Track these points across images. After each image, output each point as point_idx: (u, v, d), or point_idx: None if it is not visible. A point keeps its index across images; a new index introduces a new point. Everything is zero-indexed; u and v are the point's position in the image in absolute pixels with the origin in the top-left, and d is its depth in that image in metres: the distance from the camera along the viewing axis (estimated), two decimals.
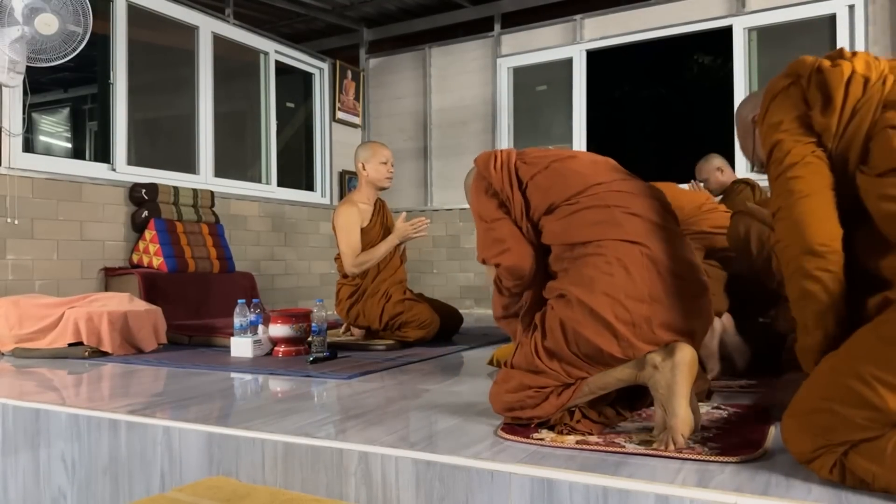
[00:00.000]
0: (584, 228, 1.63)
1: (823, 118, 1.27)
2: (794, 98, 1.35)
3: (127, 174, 4.38)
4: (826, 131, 1.27)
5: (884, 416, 1.16)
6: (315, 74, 6.08)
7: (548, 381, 1.61)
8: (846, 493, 1.21)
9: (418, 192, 6.13)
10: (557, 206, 1.69)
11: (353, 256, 3.47)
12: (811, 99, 1.30)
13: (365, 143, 3.79)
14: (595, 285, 1.55)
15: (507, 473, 1.35)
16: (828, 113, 1.27)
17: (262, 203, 5.33)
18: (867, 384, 1.17)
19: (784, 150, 1.31)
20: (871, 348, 1.20)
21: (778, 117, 1.34)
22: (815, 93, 1.30)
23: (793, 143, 1.30)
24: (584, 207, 1.66)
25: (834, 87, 1.27)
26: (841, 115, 1.25)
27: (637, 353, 1.53)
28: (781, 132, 1.32)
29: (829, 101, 1.27)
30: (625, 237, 1.58)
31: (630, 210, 1.64)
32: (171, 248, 4.24)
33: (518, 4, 5.67)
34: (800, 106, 1.32)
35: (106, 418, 1.87)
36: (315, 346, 2.98)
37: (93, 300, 3.32)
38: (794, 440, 1.29)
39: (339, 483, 1.53)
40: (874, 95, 1.25)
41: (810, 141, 1.29)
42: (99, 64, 4.62)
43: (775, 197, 1.33)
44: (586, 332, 1.54)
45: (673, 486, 1.24)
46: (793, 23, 4.72)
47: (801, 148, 1.28)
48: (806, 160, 1.28)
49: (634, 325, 1.52)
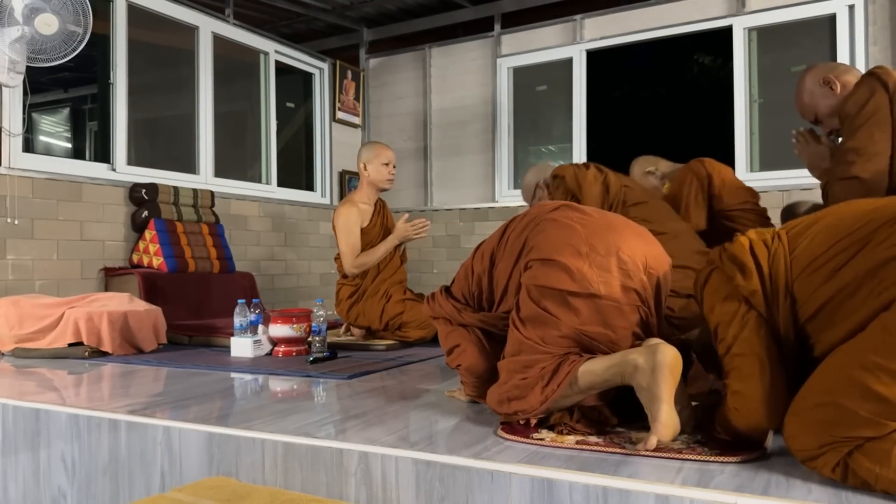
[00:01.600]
0: (518, 237, 1.78)
1: (746, 283, 1.41)
2: (717, 281, 1.50)
3: (127, 174, 4.38)
4: (754, 294, 1.40)
5: (890, 409, 1.16)
6: (315, 74, 6.08)
7: (531, 359, 1.62)
8: (846, 492, 1.21)
9: (418, 193, 6.13)
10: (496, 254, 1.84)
11: (353, 257, 3.47)
12: (729, 272, 1.45)
13: (368, 143, 3.79)
14: (540, 243, 1.69)
15: (507, 473, 1.35)
16: (748, 276, 1.41)
17: (262, 203, 5.33)
18: (871, 373, 1.17)
19: (722, 331, 1.45)
20: (876, 338, 1.20)
21: (710, 302, 1.50)
22: (730, 266, 1.45)
23: (727, 322, 1.44)
24: (509, 234, 1.82)
25: (741, 255, 1.43)
26: (761, 275, 1.40)
27: (594, 284, 1.59)
28: (717, 315, 1.47)
29: (744, 267, 1.42)
30: (549, 208, 1.79)
31: (547, 204, 1.83)
32: (171, 248, 4.24)
33: (518, 4, 5.66)
34: (723, 285, 1.47)
35: (106, 418, 1.88)
36: (315, 346, 2.98)
37: (93, 300, 3.32)
38: (796, 438, 1.29)
39: (339, 483, 1.54)
40: (778, 249, 1.41)
41: (742, 314, 1.42)
42: (99, 64, 4.62)
43: (724, 375, 1.47)
44: (543, 279, 1.63)
45: (673, 486, 1.24)
46: (793, 23, 4.72)
47: (734, 327, 1.42)
48: (742, 337, 1.41)
49: (580, 254, 1.62)
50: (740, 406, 1.41)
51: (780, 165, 4.73)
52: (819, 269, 1.33)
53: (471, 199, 5.80)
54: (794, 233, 1.44)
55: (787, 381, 1.39)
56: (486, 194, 5.76)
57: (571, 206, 1.78)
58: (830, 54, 4.57)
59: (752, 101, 4.86)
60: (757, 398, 1.38)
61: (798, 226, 1.46)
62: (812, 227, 1.41)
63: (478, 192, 5.82)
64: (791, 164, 4.69)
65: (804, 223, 1.46)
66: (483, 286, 1.84)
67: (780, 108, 4.81)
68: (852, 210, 1.40)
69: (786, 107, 4.83)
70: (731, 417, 1.44)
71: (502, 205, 5.64)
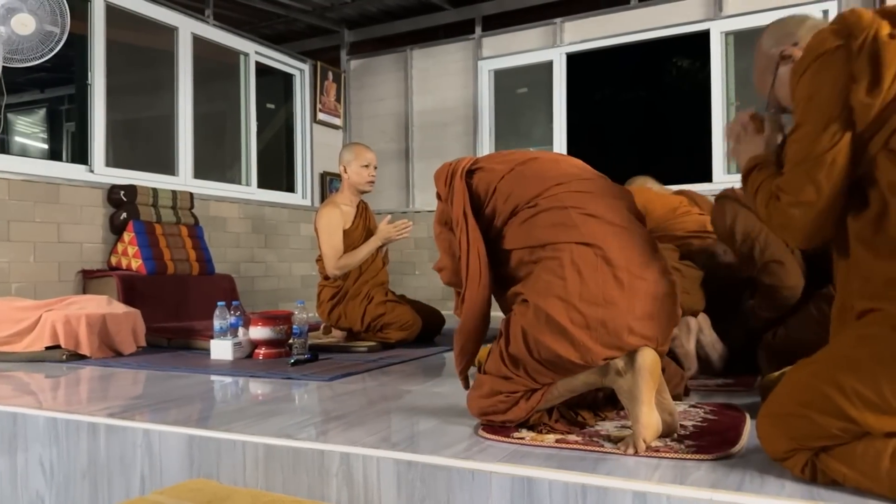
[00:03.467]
0: (542, 231, 1.64)
1: (868, 97, 1.18)
2: (838, 67, 1.23)
3: (105, 176, 4.34)
4: (864, 111, 1.19)
5: (859, 429, 1.18)
6: (296, 75, 6.06)
7: (516, 387, 1.61)
8: (818, 489, 1.23)
9: (400, 194, 6.13)
10: (519, 209, 1.70)
11: (336, 258, 3.46)
12: (857, 71, 1.20)
13: (349, 144, 3.78)
14: (550, 290, 1.55)
15: (487, 473, 1.37)
16: (874, 94, 1.18)
17: (241, 205, 5.30)
18: (847, 397, 1.17)
19: (809, 134, 1.26)
20: (855, 360, 1.19)
21: (814, 87, 1.26)
22: (865, 66, 1.20)
23: (820, 130, 1.23)
24: (542, 210, 1.66)
25: (887, 65, 1.18)
26: (885, 96, 1.17)
27: (595, 359, 1.51)
28: (812, 110, 1.26)
29: (878, 81, 1.18)
30: (580, 240, 1.58)
31: (587, 211, 1.64)
32: (149, 251, 4.21)
33: (499, 7, 5.69)
34: (841, 79, 1.22)
35: (85, 422, 1.86)
36: (296, 348, 2.98)
37: (70, 303, 3.28)
38: (768, 439, 1.31)
39: (320, 484, 1.54)
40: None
41: (838, 129, 1.22)
42: (77, 64, 4.57)
43: (785, 181, 1.31)
44: (545, 338, 1.53)
45: (650, 482, 1.26)
46: None
47: (826, 140, 1.23)
48: (826, 157, 1.23)
49: (590, 328, 1.50)
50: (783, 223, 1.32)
51: None
52: None
53: None
54: None
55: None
56: None
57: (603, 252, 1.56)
58: None
59: (730, 103, 4.93)
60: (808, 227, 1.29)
61: None
62: None
63: None
64: None
65: None
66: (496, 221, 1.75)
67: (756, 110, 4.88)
68: None
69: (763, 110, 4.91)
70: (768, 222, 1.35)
71: None
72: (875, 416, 1.15)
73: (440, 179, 1.85)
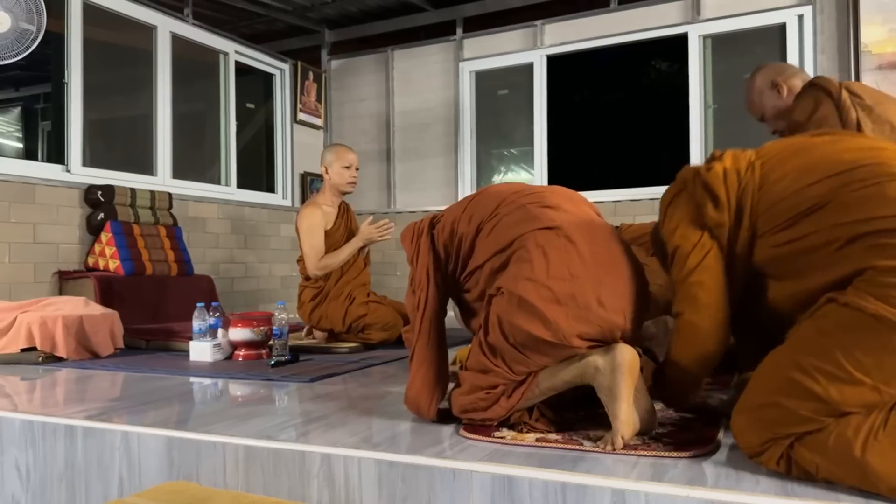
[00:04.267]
0: (507, 231, 1.71)
1: (716, 214, 1.42)
2: (685, 203, 1.50)
3: (82, 175, 4.28)
4: (720, 226, 1.42)
5: (827, 407, 1.22)
6: (276, 75, 6.03)
7: (496, 380, 1.63)
8: (792, 484, 1.26)
9: (381, 195, 6.13)
10: (483, 224, 1.78)
11: (317, 259, 3.45)
12: (700, 200, 1.45)
13: (331, 145, 3.77)
14: (520, 275, 1.61)
15: (468, 472, 1.37)
16: (719, 209, 1.42)
17: (221, 205, 5.27)
18: (809, 375, 1.23)
19: (683, 255, 1.46)
20: (811, 341, 1.26)
21: (674, 223, 1.50)
22: (703, 194, 1.45)
23: (689, 247, 1.45)
24: (504, 215, 1.76)
25: (716, 187, 1.43)
26: (729, 208, 1.41)
27: (567, 336, 1.53)
28: (679, 237, 1.48)
29: (717, 199, 1.42)
30: (541, 226, 1.67)
31: (545, 203, 1.74)
32: (127, 251, 4.16)
33: (480, 9, 5.71)
34: (691, 209, 1.47)
35: (62, 424, 1.84)
36: (276, 349, 2.97)
37: (47, 304, 3.24)
38: (743, 435, 1.34)
39: (301, 485, 1.54)
40: (749, 182, 1.41)
41: (705, 242, 1.44)
42: (53, 63, 4.51)
43: (679, 300, 1.49)
44: (518, 320, 1.57)
45: (629, 480, 1.28)
46: (745, 31, 4.86)
47: (696, 254, 1.44)
48: (703, 264, 1.43)
49: (560, 303, 1.54)
50: (691, 336, 1.44)
51: None
52: (781, 213, 1.35)
53: (434, 202, 5.82)
54: (771, 163, 1.42)
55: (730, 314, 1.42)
56: (449, 197, 5.79)
57: (565, 233, 1.64)
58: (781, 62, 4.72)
59: (707, 106, 5.00)
60: (710, 329, 1.42)
61: (776, 155, 1.44)
62: (788, 163, 1.40)
63: (441, 194, 5.85)
64: None
65: (784, 151, 1.44)
66: (464, 247, 1.80)
67: (733, 113, 4.95)
68: (831, 152, 1.38)
69: (739, 112, 4.96)
70: (676, 349, 1.46)
71: None
72: (836, 387, 1.21)
73: (406, 239, 1.94)
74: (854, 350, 1.19)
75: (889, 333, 1.17)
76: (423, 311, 1.82)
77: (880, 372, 1.18)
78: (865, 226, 1.25)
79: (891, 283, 1.18)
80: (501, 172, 5.94)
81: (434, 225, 1.90)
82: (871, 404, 1.21)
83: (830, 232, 1.29)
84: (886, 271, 1.19)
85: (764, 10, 4.77)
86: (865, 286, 1.21)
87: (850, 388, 1.20)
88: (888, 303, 1.17)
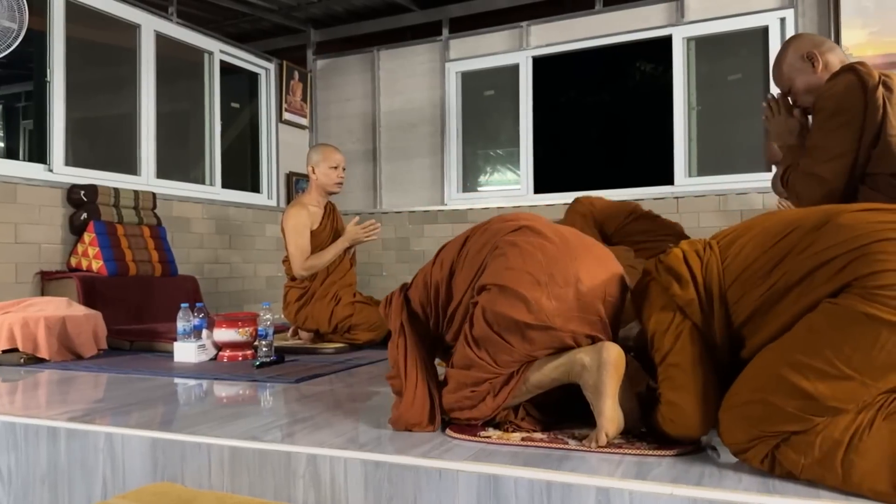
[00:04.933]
0: (479, 253, 1.76)
1: (683, 292, 1.46)
2: (654, 291, 1.55)
3: (65, 175, 4.24)
4: (689, 303, 1.45)
5: (814, 404, 1.24)
6: (261, 75, 6.01)
7: (481, 375, 1.65)
8: (773, 481, 1.28)
9: (367, 195, 6.12)
10: (454, 266, 1.81)
11: (303, 259, 3.45)
12: (665, 283, 1.50)
13: (317, 145, 3.76)
14: (499, 269, 1.66)
15: (454, 471, 1.38)
16: (684, 286, 1.47)
17: (205, 205, 5.23)
18: (798, 371, 1.25)
19: (659, 338, 1.50)
20: (801, 339, 1.28)
21: (648, 311, 1.55)
22: (666, 277, 1.51)
23: (663, 329, 1.49)
24: (471, 246, 1.80)
25: (677, 266, 1.49)
26: (696, 284, 1.45)
27: (550, 317, 1.57)
28: (654, 323, 1.52)
29: (680, 277, 1.47)
30: (510, 229, 1.74)
31: (506, 219, 1.82)
32: (111, 252, 4.12)
33: (466, 10, 5.72)
34: (660, 295, 1.52)
35: (44, 426, 1.83)
36: (261, 350, 2.95)
37: (29, 305, 3.21)
38: (729, 432, 1.36)
39: (287, 486, 1.54)
40: (710, 258, 1.47)
41: (677, 323, 1.48)
42: (35, 61, 4.46)
43: (659, 382, 1.52)
44: (501, 307, 1.61)
45: (613, 478, 1.29)
46: (729, 33, 4.91)
47: (670, 336, 1.48)
48: (677, 346, 1.47)
49: (540, 283, 1.60)
50: (674, 417, 1.46)
51: (717, 171, 4.91)
52: (750, 277, 1.39)
53: (420, 202, 5.82)
54: (724, 243, 1.50)
55: (719, 385, 1.44)
56: (436, 197, 5.80)
57: (532, 228, 1.73)
58: (764, 64, 4.77)
59: (691, 108, 5.04)
60: (690, 409, 1.44)
61: (728, 236, 1.52)
62: (741, 239, 1.47)
63: (427, 194, 5.85)
64: (728, 170, 4.88)
65: (733, 234, 1.52)
66: (441, 294, 1.83)
67: (717, 115, 5.00)
68: (777, 220, 1.47)
69: (723, 114, 5.03)
70: (664, 426, 1.49)
71: (451, 208, 5.68)
72: (825, 383, 1.22)
73: (381, 308, 1.95)
74: (843, 346, 1.21)
75: (879, 329, 1.19)
76: (405, 356, 1.80)
77: (869, 368, 1.20)
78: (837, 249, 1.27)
79: (878, 285, 1.20)
80: (487, 173, 5.95)
81: (407, 288, 1.93)
82: (858, 399, 1.23)
83: (803, 264, 1.31)
84: (871, 276, 1.21)
85: (747, 13, 4.81)
86: (855, 291, 1.22)
87: (838, 383, 1.22)
88: (878, 302, 1.19)
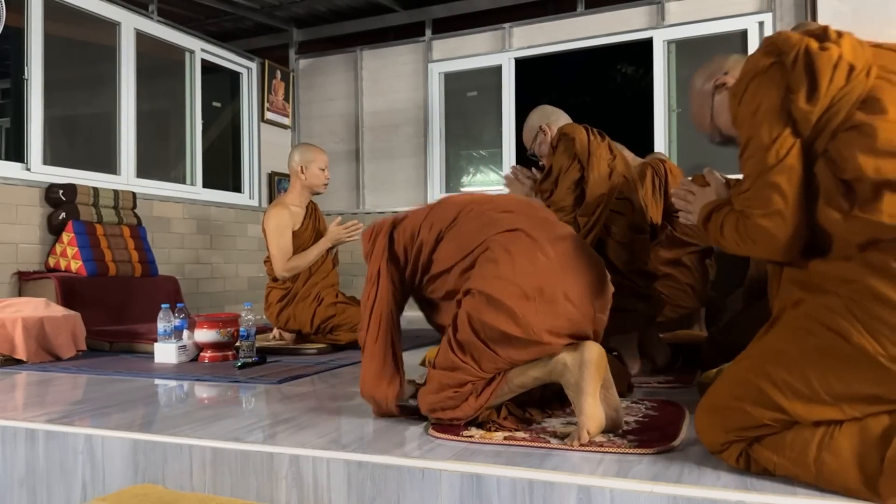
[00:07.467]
0: (470, 236, 1.75)
1: (808, 105, 1.21)
2: (776, 81, 1.27)
3: (43, 174, 4.18)
4: (805, 120, 1.21)
5: (789, 418, 1.25)
6: (243, 74, 5.97)
7: (464, 377, 1.66)
8: (751, 479, 1.30)
9: (350, 195, 6.11)
10: (443, 233, 1.81)
11: (285, 260, 3.43)
12: (794, 83, 1.23)
13: (303, 145, 3.75)
14: (488, 275, 1.66)
15: (437, 471, 1.39)
16: (813, 101, 1.21)
17: (186, 205, 5.19)
18: (778, 388, 1.25)
19: (760, 147, 1.26)
20: (786, 355, 1.26)
21: (756, 103, 1.28)
22: (801, 77, 1.23)
23: (770, 140, 1.25)
24: (463, 223, 1.80)
25: (822, 73, 1.21)
26: (822, 103, 1.21)
27: (537, 332, 1.58)
28: (758, 123, 1.27)
29: (815, 89, 1.21)
30: (504, 229, 1.73)
31: (502, 209, 1.80)
32: (90, 252, 4.08)
33: (448, 11, 5.73)
34: (780, 91, 1.25)
35: (22, 428, 1.80)
36: (243, 350, 2.94)
37: (6, 305, 3.17)
38: (706, 433, 1.38)
39: (269, 487, 1.53)
40: (856, 87, 1.20)
41: (788, 136, 1.24)
42: (12, 58, 4.40)
43: (749, 197, 1.30)
44: (489, 318, 1.61)
45: (594, 476, 1.31)
46: (708, 36, 4.97)
47: (778, 148, 1.24)
48: (784, 164, 1.24)
49: (528, 298, 1.60)
50: (762, 239, 1.28)
51: (697, 171, 4.95)
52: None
53: (403, 202, 5.82)
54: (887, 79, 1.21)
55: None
56: (419, 197, 5.80)
57: (528, 233, 1.71)
58: None
59: (671, 110, 5.09)
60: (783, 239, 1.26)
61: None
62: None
63: (410, 195, 5.85)
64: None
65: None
66: (424, 254, 1.82)
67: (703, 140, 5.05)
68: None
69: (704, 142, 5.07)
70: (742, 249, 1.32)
71: None
72: (803, 404, 1.23)
73: (365, 237, 1.96)
74: (828, 374, 1.20)
75: (868, 366, 1.16)
76: (371, 307, 1.84)
77: (848, 396, 1.19)
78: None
79: (882, 317, 1.13)
80: (470, 173, 5.97)
81: (395, 226, 1.91)
82: (831, 421, 1.23)
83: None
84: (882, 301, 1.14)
85: (726, 17, 4.87)
86: (859, 312, 1.15)
87: (814, 406, 1.22)
88: (874, 337, 1.14)
